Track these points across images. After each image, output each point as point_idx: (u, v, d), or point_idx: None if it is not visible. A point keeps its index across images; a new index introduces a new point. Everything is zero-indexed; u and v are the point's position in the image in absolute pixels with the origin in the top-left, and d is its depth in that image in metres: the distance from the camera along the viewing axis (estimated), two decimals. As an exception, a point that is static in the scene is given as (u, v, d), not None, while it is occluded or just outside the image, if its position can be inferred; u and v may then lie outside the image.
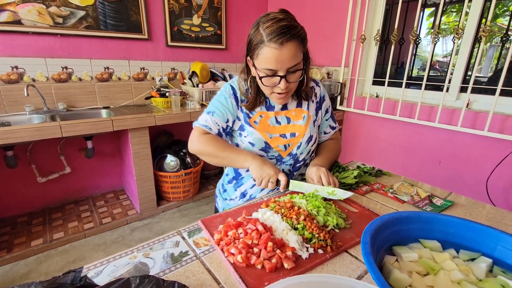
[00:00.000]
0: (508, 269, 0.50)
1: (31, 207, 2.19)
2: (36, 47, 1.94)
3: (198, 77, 2.41)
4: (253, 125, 0.95)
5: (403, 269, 0.50)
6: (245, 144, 0.96)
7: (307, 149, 1.00)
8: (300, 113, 0.99)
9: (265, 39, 0.77)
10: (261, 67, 0.81)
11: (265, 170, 0.85)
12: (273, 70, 0.80)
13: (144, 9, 2.26)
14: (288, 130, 0.98)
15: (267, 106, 0.97)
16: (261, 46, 0.78)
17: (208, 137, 0.93)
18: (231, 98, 0.95)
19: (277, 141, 0.96)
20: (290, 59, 0.78)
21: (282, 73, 0.80)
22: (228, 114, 0.95)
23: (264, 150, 0.96)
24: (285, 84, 0.82)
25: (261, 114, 0.96)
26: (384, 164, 2.26)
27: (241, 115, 0.96)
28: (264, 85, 0.85)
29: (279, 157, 0.98)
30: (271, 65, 0.79)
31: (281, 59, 0.78)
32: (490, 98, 1.65)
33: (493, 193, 1.67)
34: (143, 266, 0.56)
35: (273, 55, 0.77)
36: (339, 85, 2.35)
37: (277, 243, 0.59)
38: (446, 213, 0.79)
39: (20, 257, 1.73)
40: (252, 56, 0.83)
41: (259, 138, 0.94)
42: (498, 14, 2.07)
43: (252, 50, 0.82)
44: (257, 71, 0.84)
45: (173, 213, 2.32)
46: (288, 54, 0.77)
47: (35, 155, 2.08)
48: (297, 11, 2.67)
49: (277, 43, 0.75)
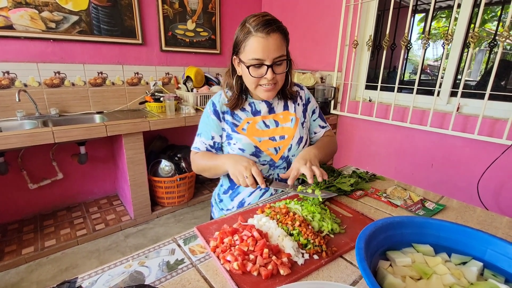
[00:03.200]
0: (498, 272, 0.52)
1: (22, 214, 2.15)
2: (28, 52, 1.92)
3: (193, 82, 2.41)
4: (241, 132, 0.96)
5: (397, 273, 0.51)
6: (235, 151, 0.97)
7: (298, 150, 1.00)
8: (288, 115, 1.01)
9: (252, 30, 0.81)
10: (248, 58, 0.84)
11: (237, 167, 0.83)
12: (260, 60, 0.83)
13: (138, 14, 2.26)
14: (277, 133, 0.99)
15: (253, 111, 0.98)
16: (248, 37, 0.82)
17: (198, 155, 1.00)
18: (211, 115, 0.98)
19: (266, 144, 0.97)
20: (276, 50, 0.83)
21: (268, 63, 0.83)
22: (212, 132, 0.98)
23: (255, 155, 0.96)
24: (272, 75, 0.85)
25: (248, 120, 0.97)
26: (378, 168, 2.28)
27: (226, 126, 0.98)
28: (251, 76, 0.86)
29: (271, 162, 0.99)
30: (258, 54, 0.82)
31: (267, 48, 0.81)
32: (479, 102, 1.69)
33: (484, 195, 1.71)
34: (139, 275, 0.56)
35: (259, 45, 0.81)
36: (333, 89, 2.38)
37: (272, 249, 0.59)
38: (438, 216, 0.81)
39: (11, 266, 1.70)
40: (239, 51, 0.87)
41: (248, 143, 0.95)
42: (486, 19, 2.13)
43: (238, 46, 0.86)
44: (244, 65, 0.86)
45: (167, 219, 2.30)
46: (274, 44, 0.82)
47: (26, 161, 2.05)
48: (290, 17, 2.71)
49: (263, 33, 0.80)
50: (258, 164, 0.98)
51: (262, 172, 1.00)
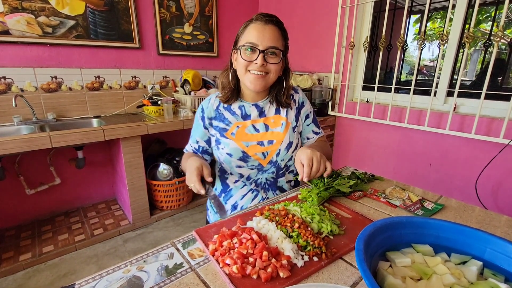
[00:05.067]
0: (498, 271, 0.51)
1: (19, 220, 2.13)
2: (25, 57, 1.91)
3: (190, 85, 2.41)
4: (230, 137, 0.96)
5: (397, 274, 0.51)
6: (223, 156, 0.97)
7: (287, 155, 0.99)
8: (279, 119, 1.00)
9: (253, 19, 0.89)
10: (244, 42, 0.88)
11: (187, 176, 0.84)
12: (253, 44, 0.86)
13: (135, 18, 2.26)
14: (266, 137, 0.98)
15: (242, 115, 0.98)
16: (247, 25, 0.89)
17: (183, 157, 1.03)
18: (200, 120, 1.01)
19: (254, 149, 0.96)
20: (271, 39, 0.87)
21: (261, 48, 0.86)
22: (197, 136, 1.03)
23: (243, 159, 0.96)
24: (262, 61, 0.87)
25: (237, 125, 0.97)
26: (376, 168, 2.29)
27: (214, 132, 0.99)
28: (242, 59, 0.89)
29: (259, 166, 0.98)
30: (253, 38, 0.86)
31: (262, 35, 0.86)
32: (475, 102, 1.70)
33: (482, 194, 1.71)
34: (137, 280, 0.55)
35: (256, 30, 0.86)
36: (330, 91, 2.38)
37: (272, 252, 0.59)
38: (437, 216, 0.81)
39: (8, 273, 1.68)
40: (237, 43, 0.91)
41: (235, 148, 0.95)
42: (481, 20, 2.15)
43: (238, 38, 0.92)
44: (240, 52, 0.89)
45: (166, 222, 2.29)
46: (270, 34, 0.86)
47: (23, 166, 2.03)
48: (287, 20, 2.72)
49: (262, 21, 0.87)
50: (246, 169, 0.98)
51: (250, 177, 1.00)
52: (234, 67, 0.95)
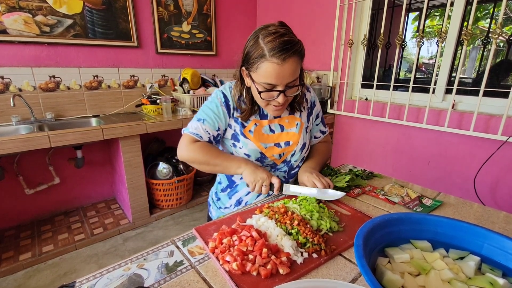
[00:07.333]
0: (496, 266, 0.52)
1: (19, 220, 2.13)
2: (23, 57, 1.90)
3: (189, 84, 2.41)
4: (248, 135, 0.94)
5: (396, 270, 0.51)
6: (240, 155, 0.96)
7: (301, 156, 1.01)
8: (293, 120, 1.00)
9: (267, 54, 0.76)
10: (261, 81, 0.80)
11: (258, 174, 0.86)
12: (272, 85, 0.80)
13: (133, 17, 2.25)
14: (282, 138, 0.98)
15: (260, 114, 0.97)
16: (261, 61, 0.77)
17: (199, 145, 0.92)
18: (222, 106, 0.92)
19: (272, 150, 0.96)
20: (291, 75, 0.78)
21: (281, 88, 0.80)
22: (219, 122, 0.93)
23: (260, 160, 0.96)
24: (283, 99, 0.83)
25: (255, 122, 0.95)
26: (375, 166, 2.29)
27: (234, 124, 0.95)
28: (261, 99, 0.84)
29: (273, 164, 0.99)
30: (271, 80, 0.78)
31: (282, 75, 0.77)
32: (474, 99, 1.70)
33: (481, 190, 1.72)
34: (138, 277, 0.56)
35: (274, 71, 0.76)
36: (329, 89, 2.38)
37: (271, 249, 0.59)
38: (436, 213, 0.81)
39: (8, 272, 1.68)
40: (250, 69, 0.82)
41: (254, 149, 0.94)
42: (479, 17, 2.15)
43: (250, 63, 0.81)
44: (255, 84, 0.82)
45: (166, 221, 2.29)
46: (289, 70, 0.77)
47: (22, 166, 2.03)
48: (285, 18, 2.72)
49: (279, 59, 0.75)
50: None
51: None
52: (247, 84, 0.88)
